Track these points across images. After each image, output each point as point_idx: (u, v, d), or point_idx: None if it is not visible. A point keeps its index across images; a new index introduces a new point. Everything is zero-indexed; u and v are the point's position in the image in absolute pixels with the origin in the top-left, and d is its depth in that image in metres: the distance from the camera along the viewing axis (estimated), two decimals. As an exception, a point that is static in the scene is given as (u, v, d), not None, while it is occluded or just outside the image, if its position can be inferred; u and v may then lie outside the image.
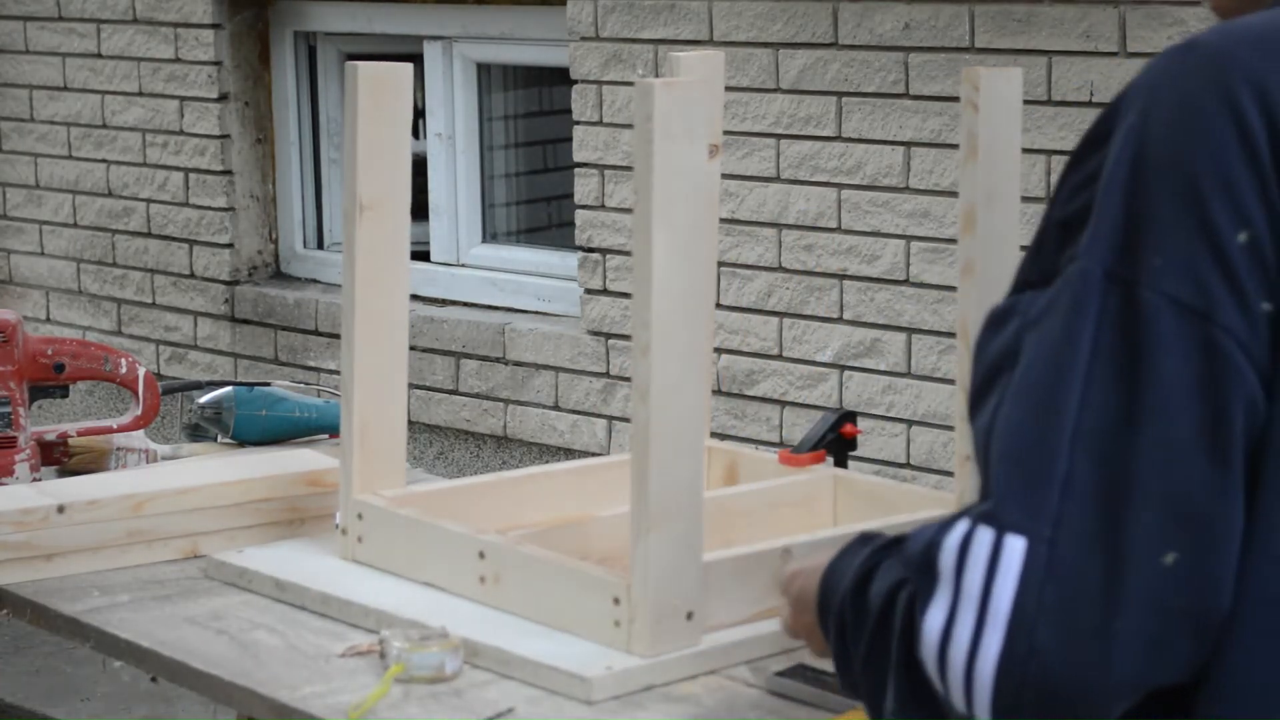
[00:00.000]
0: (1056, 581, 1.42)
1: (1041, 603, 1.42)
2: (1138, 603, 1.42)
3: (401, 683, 2.10)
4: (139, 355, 5.80)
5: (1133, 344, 1.45)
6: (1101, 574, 1.42)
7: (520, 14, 5.16)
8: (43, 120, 6.05)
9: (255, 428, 3.11)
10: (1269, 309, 1.45)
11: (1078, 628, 1.42)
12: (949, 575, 1.47)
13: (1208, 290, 1.44)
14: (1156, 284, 1.45)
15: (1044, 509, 1.43)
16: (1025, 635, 1.43)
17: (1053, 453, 1.44)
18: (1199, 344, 1.44)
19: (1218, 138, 1.47)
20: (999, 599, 1.43)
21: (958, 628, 1.45)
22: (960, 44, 4.24)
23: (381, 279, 2.47)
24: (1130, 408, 1.44)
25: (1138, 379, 1.44)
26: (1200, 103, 1.48)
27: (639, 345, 2.07)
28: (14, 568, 2.48)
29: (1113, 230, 1.47)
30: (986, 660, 1.44)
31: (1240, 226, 1.45)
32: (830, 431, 2.67)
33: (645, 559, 2.09)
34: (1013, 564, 1.43)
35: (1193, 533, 1.43)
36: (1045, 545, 1.43)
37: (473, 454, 5.18)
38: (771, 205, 4.57)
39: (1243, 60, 1.49)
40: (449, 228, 5.41)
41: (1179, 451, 1.43)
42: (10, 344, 2.91)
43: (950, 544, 1.47)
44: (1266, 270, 1.45)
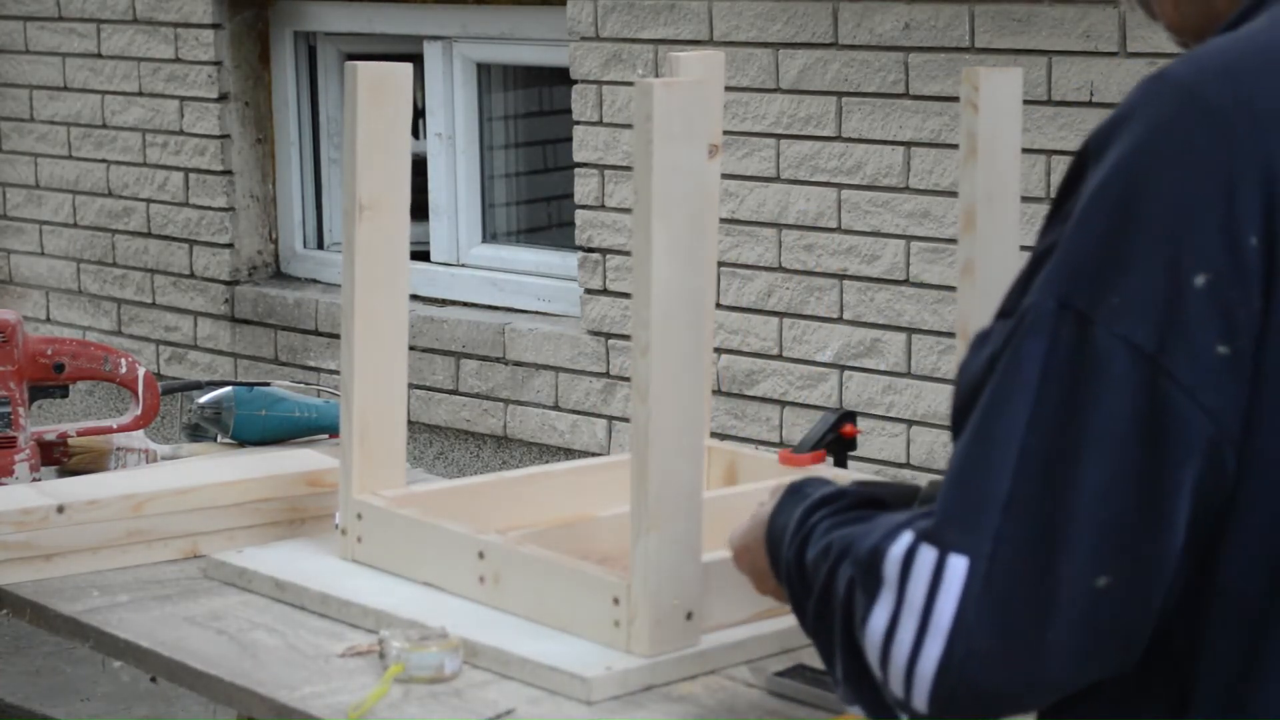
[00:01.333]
0: (994, 596, 1.49)
1: (980, 614, 1.49)
2: (1070, 619, 1.48)
3: (401, 683, 2.10)
4: (139, 355, 5.80)
5: (1081, 377, 1.48)
6: (1036, 591, 1.48)
7: (520, 14, 5.16)
8: (43, 120, 6.05)
9: (255, 428, 3.10)
10: (1225, 352, 1.46)
11: (1013, 637, 1.49)
12: (892, 583, 1.53)
13: (1161, 333, 1.46)
14: (1111, 322, 1.47)
15: (986, 527, 1.49)
16: (964, 642, 1.49)
17: (997, 473, 1.49)
18: (1144, 387, 1.46)
19: (1184, 175, 1.47)
20: (940, 612, 1.50)
21: (900, 632, 1.52)
22: (960, 44, 4.24)
23: (381, 279, 2.47)
24: (1073, 438, 1.48)
25: (1083, 411, 1.47)
26: (1167, 139, 1.48)
27: (639, 345, 2.07)
28: (14, 568, 2.48)
29: (1074, 264, 1.49)
30: (927, 663, 1.51)
31: (1201, 268, 1.46)
32: (830, 431, 2.67)
33: (645, 559, 2.09)
34: (955, 581, 1.49)
35: (1125, 562, 1.48)
36: (985, 561, 1.48)
37: (473, 454, 5.18)
38: (771, 205, 4.57)
39: (1211, 93, 1.49)
40: (449, 228, 5.41)
41: (1116, 487, 1.47)
42: (10, 344, 2.91)
43: (894, 555, 1.54)
44: (1227, 312, 1.46)
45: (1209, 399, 1.46)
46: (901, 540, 1.54)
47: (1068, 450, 1.48)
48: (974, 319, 2.30)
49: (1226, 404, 1.47)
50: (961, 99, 2.34)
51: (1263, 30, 1.56)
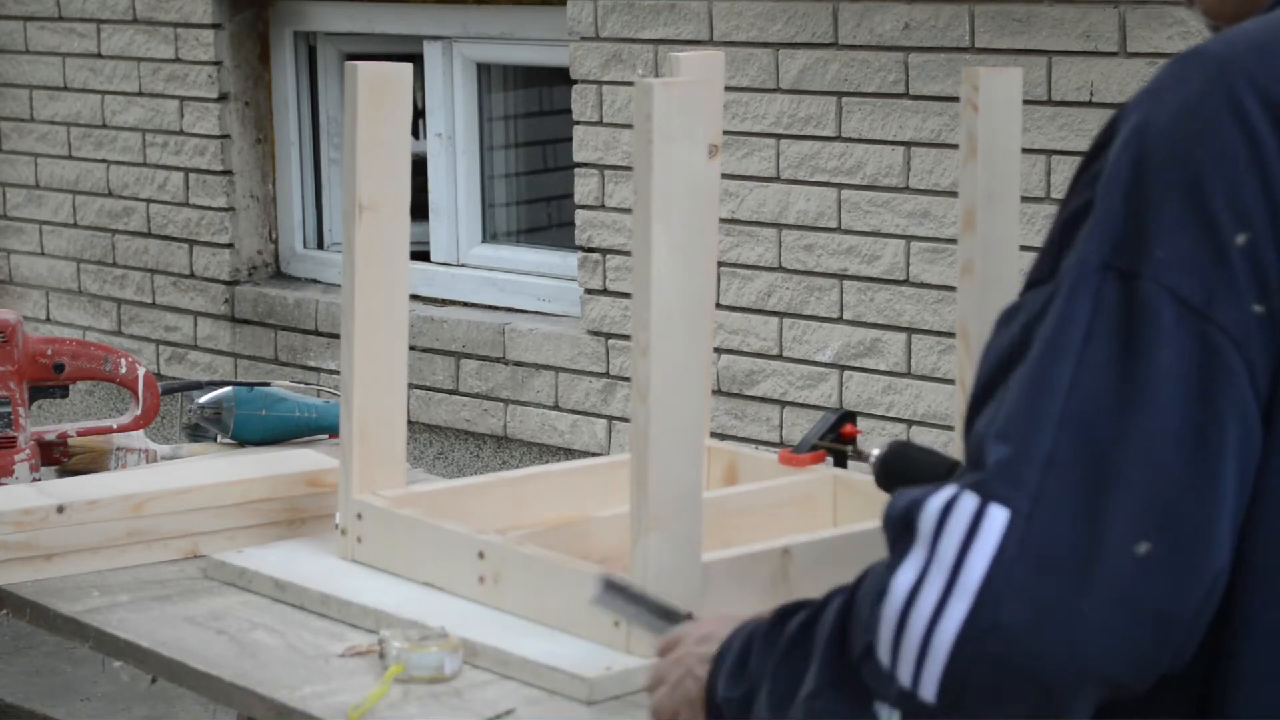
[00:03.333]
0: (1029, 558, 1.43)
1: (1012, 578, 1.43)
2: (1107, 588, 1.43)
3: (401, 683, 2.10)
4: (139, 355, 5.80)
5: (1130, 333, 1.46)
6: (1074, 555, 1.43)
7: (520, 14, 5.16)
8: (43, 120, 6.05)
9: (255, 428, 3.10)
10: (1260, 311, 1.46)
11: (1045, 606, 1.43)
12: (926, 537, 1.47)
13: (1208, 287, 1.46)
14: (1158, 276, 1.46)
15: (1025, 485, 1.44)
16: (991, 608, 1.43)
17: (1039, 431, 1.46)
18: (1196, 340, 1.45)
19: (1222, 139, 1.49)
20: (971, 569, 1.44)
21: (925, 590, 1.46)
22: (960, 44, 4.24)
23: (381, 279, 2.47)
24: (1121, 395, 1.45)
25: (1132, 368, 1.46)
26: (1204, 106, 1.50)
27: (639, 345, 2.07)
28: (14, 568, 2.48)
29: (1114, 224, 1.49)
30: (948, 628, 1.44)
31: (1240, 228, 1.47)
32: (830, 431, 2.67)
33: (645, 559, 2.09)
34: (991, 535, 1.44)
35: (1168, 527, 1.44)
36: (1024, 520, 1.43)
37: (473, 454, 5.18)
38: (771, 205, 4.57)
39: (1247, 66, 1.51)
40: (449, 228, 5.41)
41: (1165, 444, 1.44)
42: (10, 344, 2.91)
43: (933, 506, 1.48)
44: (1262, 273, 1.47)
45: (1251, 353, 1.45)
46: (944, 492, 1.48)
47: (1114, 406, 1.45)
48: (974, 319, 2.30)
49: (1259, 365, 1.46)
50: (961, 99, 2.34)
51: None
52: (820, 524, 2.52)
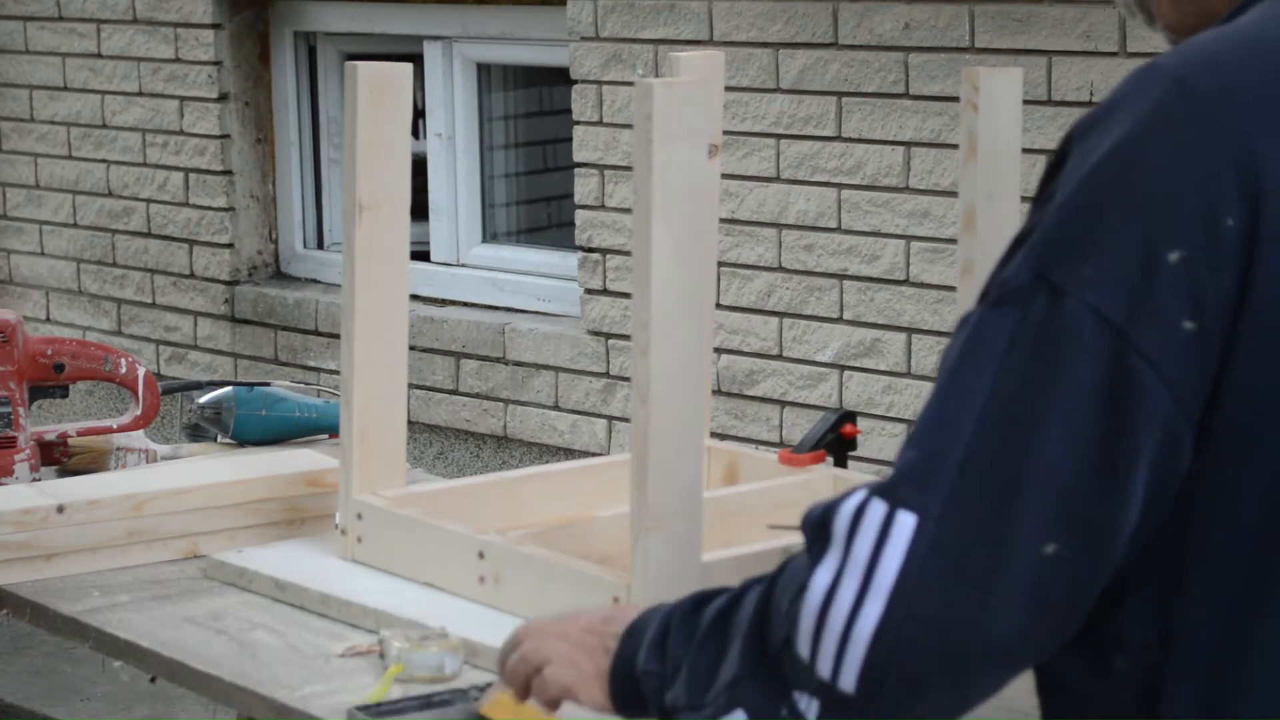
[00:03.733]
0: (940, 555, 1.49)
1: (924, 574, 1.49)
2: (1015, 585, 1.48)
3: (401, 683, 2.10)
4: (139, 355, 5.80)
5: (1049, 344, 1.50)
6: (984, 553, 1.48)
7: (520, 14, 5.16)
8: (43, 120, 6.05)
9: (255, 428, 3.10)
10: (1191, 327, 1.48)
11: (956, 600, 1.48)
12: (840, 540, 1.53)
13: (1131, 305, 1.49)
14: (1083, 293, 1.49)
15: (939, 487, 1.50)
16: (905, 603, 1.49)
17: (954, 435, 1.50)
18: (1110, 357, 1.49)
19: (1166, 156, 1.51)
20: (884, 570, 1.50)
21: (841, 590, 1.51)
22: (960, 44, 4.24)
23: (381, 279, 2.47)
24: (1035, 404, 1.49)
25: (1047, 379, 1.49)
26: (1151, 122, 1.52)
27: (639, 345, 2.07)
28: (14, 568, 2.48)
29: (1052, 240, 1.52)
30: (864, 625, 1.50)
31: (1175, 246, 1.49)
32: (830, 431, 2.67)
33: (645, 559, 2.09)
34: (901, 538, 1.50)
35: (1075, 531, 1.49)
36: (934, 522, 1.49)
37: (473, 454, 5.18)
38: (771, 205, 4.57)
39: (1198, 80, 1.52)
40: (449, 228, 5.41)
41: (1074, 454, 1.49)
42: (10, 344, 2.91)
43: (846, 511, 1.53)
44: (1196, 289, 1.48)
45: (1171, 373, 1.48)
46: (855, 497, 1.54)
47: (1028, 414, 1.49)
48: (974, 319, 2.30)
49: (1186, 380, 1.49)
50: (961, 99, 2.34)
51: (1250, 23, 1.59)
52: (820, 524, 2.52)
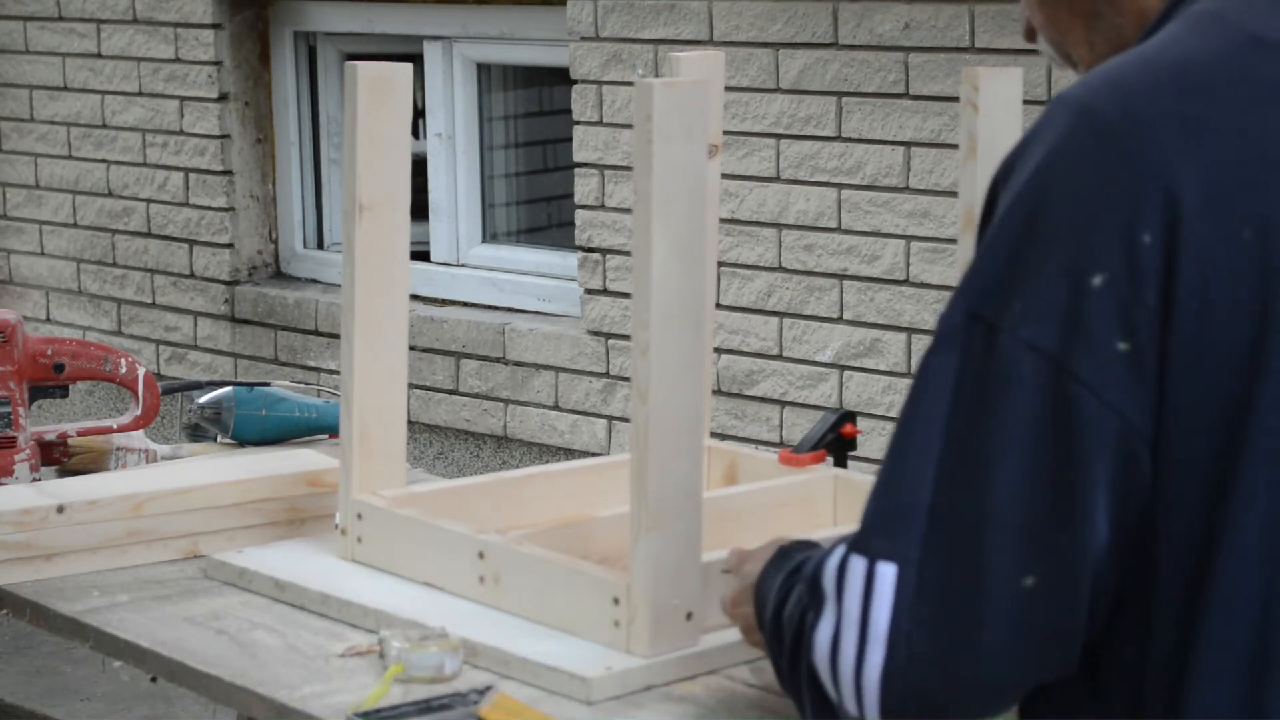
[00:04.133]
0: (926, 600, 1.54)
1: (916, 619, 1.54)
2: (1004, 620, 1.54)
3: (401, 683, 2.10)
4: (139, 355, 5.80)
5: (990, 383, 1.54)
6: (968, 593, 1.53)
7: (520, 14, 5.16)
8: (43, 120, 6.05)
9: (255, 428, 3.10)
10: (1125, 348, 1.52)
11: (950, 640, 1.54)
12: (832, 596, 1.59)
13: (1064, 335, 1.52)
14: (1015, 328, 1.53)
15: (912, 535, 1.55)
16: (904, 648, 1.55)
17: (916, 482, 1.56)
18: (1049, 387, 1.52)
19: (1078, 183, 1.54)
20: (877, 619, 1.56)
21: (844, 644, 1.58)
22: (960, 44, 4.24)
23: (381, 279, 2.47)
24: (987, 443, 1.54)
25: (993, 416, 1.53)
26: (1062, 152, 1.56)
27: (639, 345, 2.07)
28: (14, 568, 2.48)
29: (980, 278, 1.56)
30: (872, 671, 1.56)
31: (1097, 269, 1.52)
32: (830, 431, 2.67)
33: (645, 559, 2.09)
34: (885, 589, 1.55)
35: (1048, 560, 1.53)
36: (914, 568, 1.54)
37: (473, 454, 5.18)
38: (771, 205, 4.56)
39: (1100, 107, 1.56)
40: (449, 228, 5.41)
41: (1030, 487, 1.53)
42: (10, 344, 2.91)
43: (830, 568, 1.60)
44: (1124, 310, 1.51)
45: (1112, 395, 1.52)
46: (835, 555, 1.60)
47: (981, 455, 1.53)
48: (974, 319, 2.30)
49: (1130, 399, 1.52)
50: (961, 99, 2.34)
51: (1153, 45, 1.63)
52: (820, 524, 2.52)
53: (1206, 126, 1.55)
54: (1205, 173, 1.53)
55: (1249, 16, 1.62)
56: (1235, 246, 1.52)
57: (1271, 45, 1.60)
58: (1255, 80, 1.58)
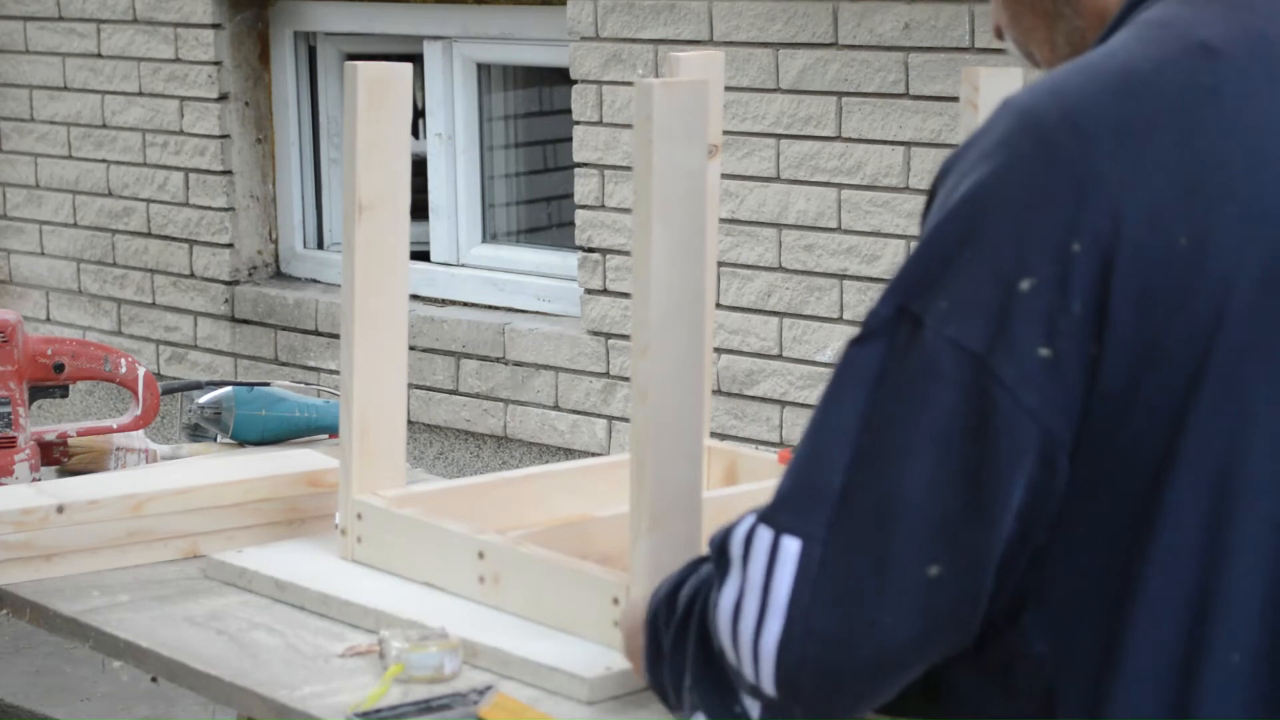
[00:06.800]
0: (828, 577, 1.58)
1: (816, 595, 1.57)
2: (904, 604, 1.56)
3: (401, 683, 2.10)
4: (139, 355, 5.80)
5: (912, 376, 1.56)
6: (871, 577, 1.56)
7: (520, 14, 5.16)
8: (43, 120, 6.05)
9: (255, 428, 3.10)
10: (1047, 354, 1.53)
11: (848, 620, 1.57)
12: (737, 563, 1.62)
13: (988, 335, 1.54)
14: (941, 325, 1.55)
15: (820, 515, 1.57)
16: (801, 622, 1.58)
17: (832, 465, 1.58)
18: (971, 386, 1.54)
19: (1011, 188, 1.56)
20: (778, 590, 1.59)
21: (745, 610, 1.61)
22: (960, 44, 4.24)
23: (381, 279, 2.47)
24: (905, 434, 1.56)
25: (913, 409, 1.56)
26: (999, 156, 1.57)
27: (638, 345, 2.07)
28: (14, 568, 2.48)
29: (913, 273, 1.58)
30: (769, 640, 1.60)
31: (1026, 274, 1.53)
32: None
33: (645, 559, 2.09)
34: (789, 562, 1.58)
35: (954, 552, 1.56)
36: (819, 546, 1.57)
37: (473, 454, 5.18)
38: (771, 205, 4.57)
39: (1042, 114, 1.58)
40: (449, 228, 5.41)
41: (944, 482, 1.55)
42: (10, 344, 2.91)
43: (739, 535, 1.63)
44: (1049, 317, 1.53)
45: (1031, 399, 1.53)
46: (744, 523, 1.63)
47: (898, 445, 1.56)
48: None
49: (1049, 405, 1.54)
50: (961, 99, 2.34)
51: (1096, 53, 1.64)
52: (820, 524, 2.52)
53: (1144, 134, 1.56)
54: (1141, 181, 1.54)
55: (1197, 23, 1.63)
56: (1172, 254, 1.53)
57: (1215, 52, 1.60)
58: (1196, 87, 1.59)
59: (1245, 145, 1.57)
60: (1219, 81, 1.59)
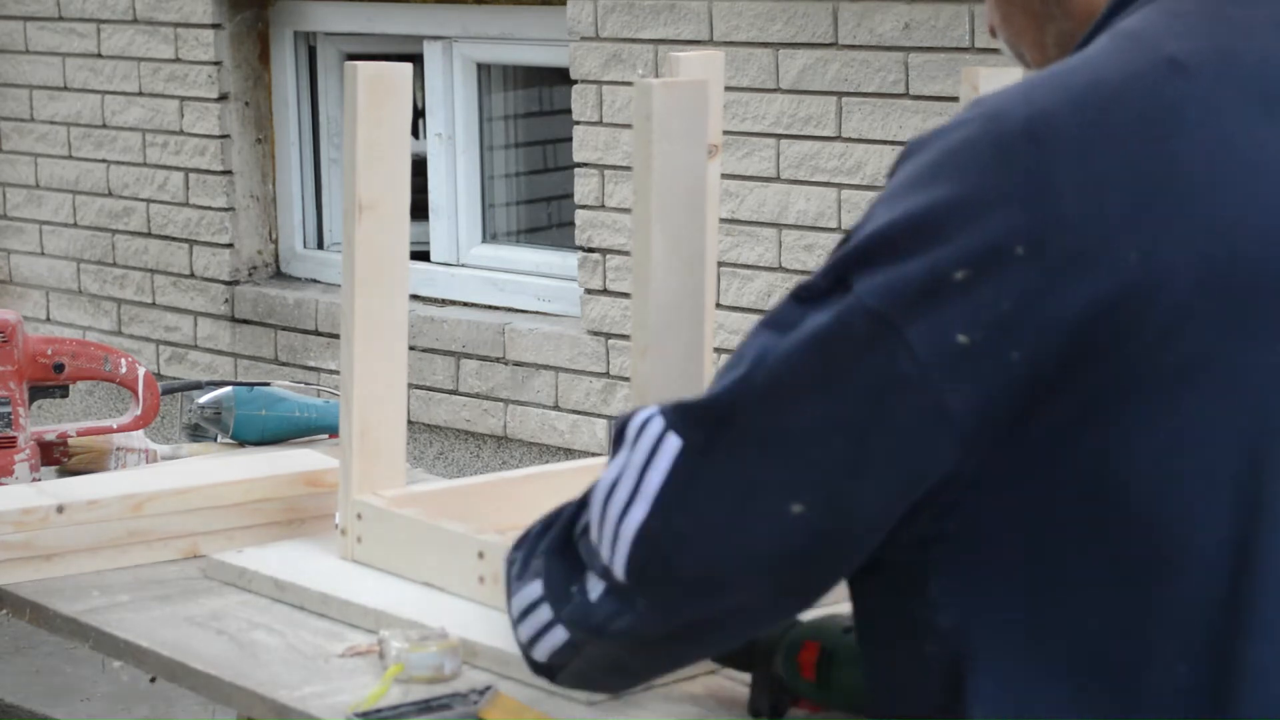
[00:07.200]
0: (697, 485, 1.62)
1: (682, 496, 1.63)
2: (759, 531, 1.61)
3: (401, 683, 2.10)
4: (139, 355, 5.80)
5: (837, 335, 1.59)
6: (737, 495, 1.61)
7: (520, 14, 5.16)
8: (43, 120, 6.05)
9: (255, 428, 3.10)
10: (965, 341, 1.55)
11: (706, 530, 1.62)
12: (629, 443, 1.68)
13: (909, 312, 1.56)
14: (871, 294, 1.58)
15: (708, 425, 1.62)
16: (662, 516, 1.63)
17: (735, 387, 1.62)
18: (882, 352, 1.57)
19: (967, 182, 1.57)
20: (651, 479, 1.64)
21: (619, 489, 1.66)
22: (960, 44, 4.24)
23: (381, 279, 2.47)
24: (813, 383, 1.60)
25: (828, 363, 1.59)
26: (961, 153, 1.59)
27: (638, 346, 2.07)
28: (14, 568, 2.48)
29: (857, 247, 1.61)
30: (631, 523, 1.65)
31: (961, 265, 1.55)
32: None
33: (645, 559, 2.09)
34: (667, 457, 1.64)
35: (823, 501, 1.59)
36: (697, 454, 1.62)
37: (473, 454, 5.18)
38: (771, 205, 4.57)
39: (1006, 116, 1.59)
40: (449, 228, 5.41)
41: (834, 430, 1.59)
42: (10, 344, 2.91)
43: (636, 420, 1.68)
44: (975, 308, 1.55)
45: (939, 379, 1.56)
46: (649, 408, 1.68)
47: (801, 387, 1.60)
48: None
49: (956, 390, 1.56)
50: (961, 99, 2.34)
51: (1070, 61, 1.66)
52: (820, 524, 2.52)
53: (1102, 147, 1.57)
54: (1093, 193, 1.55)
55: (1169, 36, 1.64)
56: (1120, 267, 1.54)
57: (1182, 68, 1.61)
58: (1159, 102, 1.59)
59: (1205, 162, 1.58)
60: (1182, 98, 1.60)
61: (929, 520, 1.61)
